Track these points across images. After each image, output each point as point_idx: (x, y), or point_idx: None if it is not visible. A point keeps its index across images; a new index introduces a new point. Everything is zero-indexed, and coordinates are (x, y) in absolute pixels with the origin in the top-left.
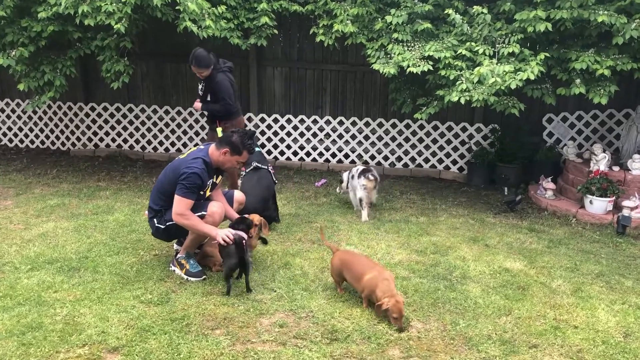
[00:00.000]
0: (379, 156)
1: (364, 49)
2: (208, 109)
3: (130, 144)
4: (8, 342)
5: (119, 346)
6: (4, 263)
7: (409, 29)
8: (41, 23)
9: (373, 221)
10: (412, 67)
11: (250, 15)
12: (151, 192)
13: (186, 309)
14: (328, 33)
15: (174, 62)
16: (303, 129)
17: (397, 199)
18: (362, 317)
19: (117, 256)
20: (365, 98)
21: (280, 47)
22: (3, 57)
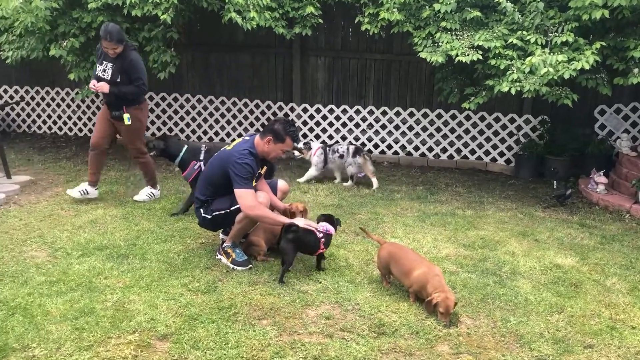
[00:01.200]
0: (423, 147)
1: (410, 38)
2: (121, 91)
3: (175, 133)
4: (62, 325)
5: (168, 334)
6: (56, 249)
7: (458, 17)
8: (91, 14)
9: (418, 214)
10: (461, 56)
11: (295, 5)
12: (197, 182)
13: (233, 298)
14: (373, 22)
15: (218, 52)
16: (345, 119)
17: (442, 191)
18: (410, 311)
19: (165, 244)
20: (410, 88)
21: (324, 36)
22: (55, 48)
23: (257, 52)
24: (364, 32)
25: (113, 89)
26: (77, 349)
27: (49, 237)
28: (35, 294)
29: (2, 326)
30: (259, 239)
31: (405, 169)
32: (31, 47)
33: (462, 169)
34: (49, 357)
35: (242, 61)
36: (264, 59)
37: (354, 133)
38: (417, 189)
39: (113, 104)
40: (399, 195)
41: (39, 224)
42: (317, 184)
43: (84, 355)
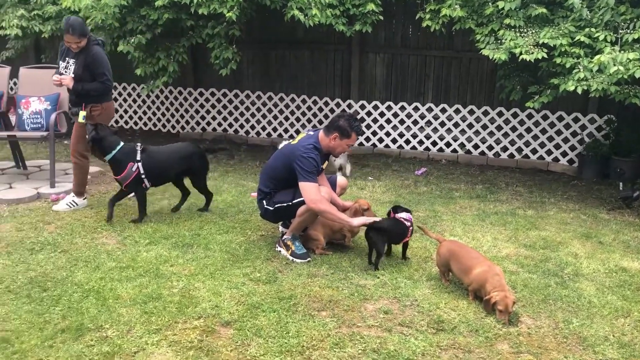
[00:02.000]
0: (482, 145)
1: (472, 35)
2: (84, 88)
3: (235, 129)
4: (132, 309)
5: (231, 321)
6: (125, 237)
7: (522, 14)
8: (158, 11)
9: (477, 212)
10: (525, 54)
11: (356, 2)
12: (260, 175)
13: (293, 289)
14: (435, 18)
15: (278, 49)
16: (403, 116)
17: (502, 190)
18: (469, 309)
19: (227, 235)
20: (471, 85)
21: (383, 33)
22: (123, 44)
23: (316, 49)
24: (424, 28)
25: (77, 85)
26: (146, 332)
27: (118, 225)
28: (106, 279)
29: (78, 307)
30: (317, 233)
31: (464, 167)
32: None
33: (522, 168)
34: (121, 338)
35: (302, 58)
36: (323, 56)
37: (411, 130)
38: (477, 187)
39: (74, 101)
40: (457, 194)
41: None
42: (375, 180)
43: (153, 337)
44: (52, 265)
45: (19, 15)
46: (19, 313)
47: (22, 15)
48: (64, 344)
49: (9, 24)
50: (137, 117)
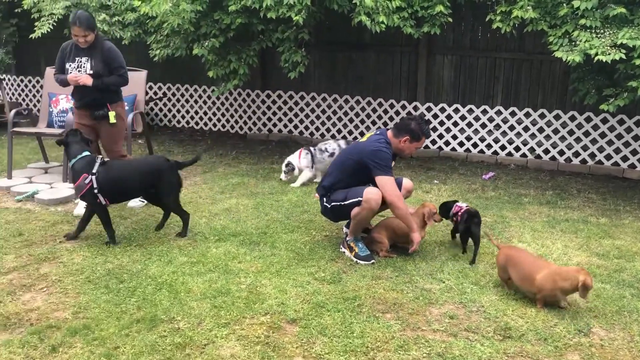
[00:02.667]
0: (553, 150)
1: (544, 36)
2: (104, 82)
3: (300, 130)
4: (203, 303)
5: (297, 318)
6: (195, 233)
7: (599, 15)
8: (231, 16)
9: (547, 219)
10: (601, 55)
11: (424, 4)
12: (327, 172)
13: (357, 290)
14: (506, 20)
15: (345, 51)
16: (471, 119)
17: (573, 197)
18: (537, 317)
19: (292, 234)
20: (542, 88)
21: (452, 34)
22: (198, 47)
23: (382, 51)
24: (493, 30)
25: (96, 81)
26: (215, 325)
27: (190, 222)
28: (178, 273)
29: (152, 299)
30: (381, 235)
31: (534, 172)
32: (176, 46)
33: (596, 174)
34: (192, 330)
35: (368, 60)
36: (389, 58)
37: (479, 134)
38: (547, 193)
39: (96, 102)
40: (526, 199)
41: None
42: (440, 184)
43: (222, 331)
44: (127, 258)
45: (100, 19)
46: (98, 302)
47: (103, 20)
48: (139, 333)
49: None
50: (207, 118)
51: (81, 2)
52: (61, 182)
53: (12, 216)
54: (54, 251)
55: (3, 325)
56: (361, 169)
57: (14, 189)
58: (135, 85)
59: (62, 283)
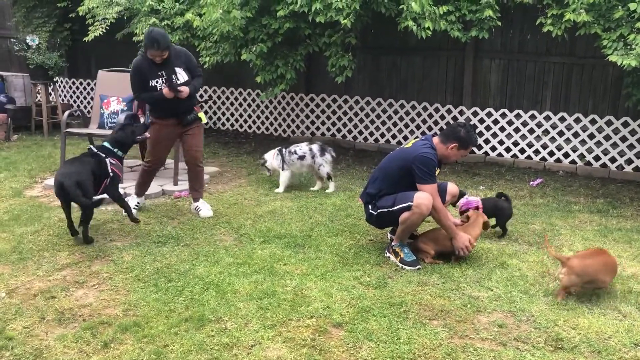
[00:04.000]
0: (604, 157)
1: (597, 40)
2: (195, 86)
3: (343, 134)
4: (249, 304)
5: (343, 322)
6: (241, 234)
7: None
8: (279, 21)
9: (599, 228)
10: None
11: (472, 7)
12: (371, 178)
13: (403, 295)
14: (557, 23)
15: (390, 54)
16: (519, 124)
17: (626, 205)
18: (591, 329)
19: (336, 237)
20: (593, 93)
21: (499, 38)
22: (246, 52)
23: (428, 55)
24: (542, 34)
25: (191, 88)
26: (262, 327)
27: (235, 223)
28: (225, 273)
29: (199, 299)
30: (426, 246)
31: (584, 179)
32: (225, 52)
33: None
34: (239, 330)
35: (413, 63)
36: (435, 61)
37: (527, 139)
38: (597, 201)
39: (187, 109)
40: (576, 207)
41: (226, 210)
42: (486, 190)
43: (269, 332)
44: (175, 258)
45: (150, 23)
46: (147, 300)
47: (153, 24)
48: (187, 332)
49: (141, 32)
50: (251, 121)
51: (133, 7)
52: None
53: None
54: (105, 249)
55: (57, 320)
56: (406, 175)
57: None
58: None
59: (112, 280)
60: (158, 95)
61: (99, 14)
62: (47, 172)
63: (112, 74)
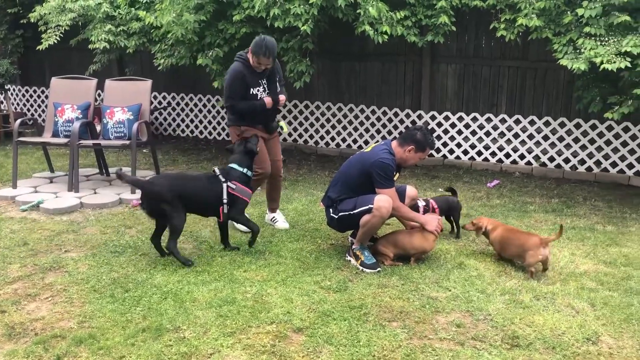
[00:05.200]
0: (558, 158)
1: (549, 44)
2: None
3: (305, 139)
4: (208, 312)
5: (303, 327)
6: (201, 242)
7: (603, 22)
8: (235, 25)
9: (553, 227)
10: (607, 63)
11: (428, 13)
12: (332, 182)
13: (363, 298)
14: (510, 28)
15: (348, 60)
16: (475, 127)
17: (580, 205)
18: (545, 326)
19: (298, 242)
20: (546, 96)
21: (455, 43)
22: (202, 57)
23: (386, 60)
24: (497, 38)
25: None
26: (221, 334)
27: (194, 231)
28: (183, 282)
29: (157, 308)
30: (385, 248)
31: (539, 180)
32: (180, 56)
33: (601, 182)
34: (197, 339)
35: (372, 69)
36: (393, 66)
37: (484, 142)
38: (552, 201)
39: (274, 117)
40: (532, 207)
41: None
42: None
43: (228, 340)
44: (133, 268)
45: (106, 30)
46: (103, 311)
47: (109, 30)
48: (144, 342)
49: (97, 38)
50: (211, 127)
51: (87, 14)
52: (66, 191)
53: (16, 225)
54: (59, 260)
55: (8, 335)
56: (366, 180)
57: (19, 198)
58: (140, 94)
59: (67, 292)
60: (259, 104)
61: (52, 21)
62: None
63: (66, 81)
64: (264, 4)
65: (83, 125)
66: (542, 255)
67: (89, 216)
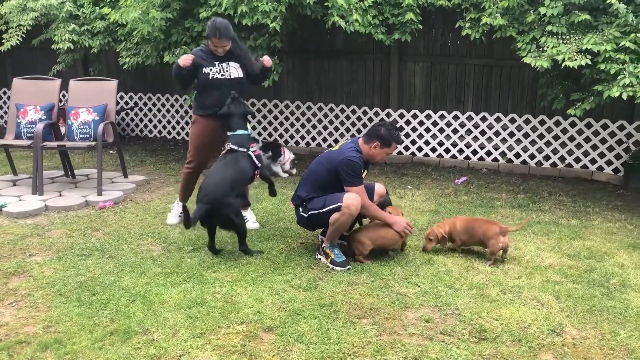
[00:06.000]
0: (524, 154)
1: (513, 43)
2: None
3: (274, 138)
4: (177, 314)
5: (273, 326)
6: (169, 243)
7: (565, 21)
8: (202, 23)
9: (519, 221)
10: (568, 61)
11: (394, 11)
12: (300, 181)
13: (333, 296)
14: (475, 27)
15: (317, 58)
16: (443, 124)
17: (544, 200)
18: (512, 319)
19: (268, 242)
20: (512, 94)
21: (422, 41)
22: (169, 55)
23: (355, 58)
24: (463, 37)
25: None
26: (191, 336)
27: (163, 232)
28: (152, 284)
29: (125, 311)
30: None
31: (506, 176)
32: (146, 54)
33: (566, 177)
34: (167, 341)
35: (340, 67)
36: (361, 65)
37: (451, 139)
38: (518, 197)
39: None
40: (499, 203)
41: (153, 220)
42: (414, 189)
43: (197, 341)
44: (100, 270)
45: (70, 29)
46: (70, 315)
47: (73, 30)
48: (112, 346)
49: (60, 38)
50: (179, 127)
51: (50, 13)
52: (30, 194)
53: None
54: (23, 265)
55: None
56: (334, 178)
57: None
58: (105, 94)
59: (32, 297)
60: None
61: (13, 21)
62: None
63: (29, 82)
64: (231, 1)
65: (47, 127)
66: (503, 243)
67: (54, 219)
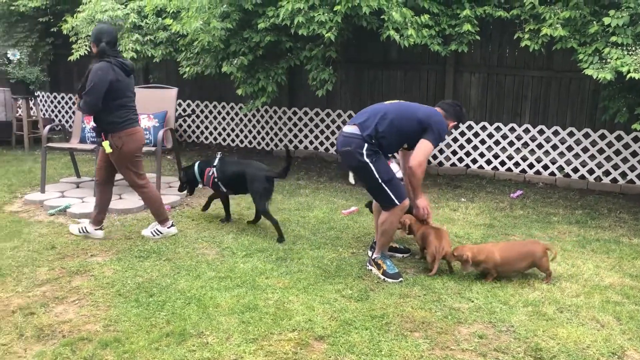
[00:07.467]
0: (582, 169)
1: (573, 54)
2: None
3: (326, 147)
4: (230, 318)
5: (325, 335)
6: (223, 248)
7: (630, 32)
8: (260, 34)
9: (577, 239)
10: (634, 72)
11: (452, 22)
12: (370, 114)
13: (385, 308)
14: (534, 38)
15: (371, 68)
16: (499, 137)
17: (604, 217)
18: (569, 338)
19: (319, 250)
20: (571, 106)
21: (479, 52)
22: (227, 65)
23: (409, 69)
24: (521, 48)
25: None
26: (244, 341)
27: (217, 237)
28: (207, 287)
29: (181, 313)
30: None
31: (563, 191)
32: (206, 64)
33: (627, 194)
34: (220, 345)
35: (394, 77)
36: (416, 75)
37: (507, 152)
38: (576, 212)
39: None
40: (555, 218)
41: (208, 224)
42: (467, 202)
43: (250, 346)
44: (157, 273)
45: (134, 39)
46: (128, 315)
47: (136, 40)
48: (168, 347)
49: (125, 48)
50: (234, 134)
51: (116, 24)
52: (92, 196)
53: (45, 229)
54: (85, 264)
55: (36, 337)
56: (419, 129)
57: (47, 202)
58: (165, 102)
59: (93, 296)
60: None
61: (82, 32)
62: (27, 187)
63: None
64: (289, 12)
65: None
66: None
67: (115, 221)
